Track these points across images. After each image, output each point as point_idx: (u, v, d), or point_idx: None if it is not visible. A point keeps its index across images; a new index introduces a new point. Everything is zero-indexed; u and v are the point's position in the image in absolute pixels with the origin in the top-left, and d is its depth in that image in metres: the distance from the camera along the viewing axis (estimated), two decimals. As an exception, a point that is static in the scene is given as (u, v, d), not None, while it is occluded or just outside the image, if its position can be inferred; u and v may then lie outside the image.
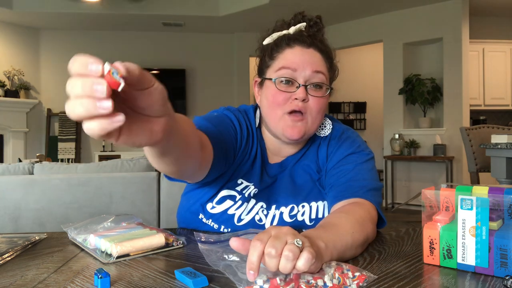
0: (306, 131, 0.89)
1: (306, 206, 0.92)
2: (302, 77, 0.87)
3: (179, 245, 0.77)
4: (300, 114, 0.87)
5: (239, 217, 0.91)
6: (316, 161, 0.96)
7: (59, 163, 2.31)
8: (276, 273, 0.54)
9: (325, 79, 0.90)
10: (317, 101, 0.88)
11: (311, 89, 0.88)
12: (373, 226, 0.80)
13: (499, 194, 0.60)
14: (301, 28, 0.93)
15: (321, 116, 0.91)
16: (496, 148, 2.47)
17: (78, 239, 0.79)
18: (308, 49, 0.90)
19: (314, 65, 0.88)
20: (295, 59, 0.88)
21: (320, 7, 5.43)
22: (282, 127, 0.88)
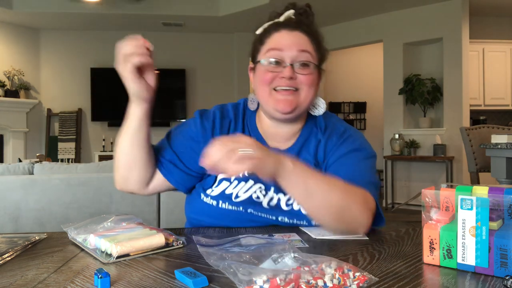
0: (298, 104, 0.92)
1: None
2: (289, 57, 0.92)
3: (179, 245, 0.77)
4: (290, 90, 0.91)
5: (236, 195, 0.95)
6: (314, 155, 0.98)
7: (59, 163, 2.31)
8: (276, 273, 0.54)
9: (312, 58, 0.94)
10: (306, 77, 0.92)
11: (298, 68, 0.92)
12: (365, 210, 0.82)
13: (499, 194, 0.60)
14: (290, 15, 0.98)
15: (313, 92, 0.94)
16: (496, 148, 2.47)
17: (78, 239, 0.79)
18: (294, 32, 0.94)
19: (300, 45, 0.92)
20: (281, 41, 0.93)
21: (320, 7, 5.43)
22: (273, 102, 0.92)
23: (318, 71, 0.96)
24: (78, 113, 6.37)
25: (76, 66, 6.40)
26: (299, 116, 0.97)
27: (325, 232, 0.87)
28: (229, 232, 0.90)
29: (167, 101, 6.58)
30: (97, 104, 6.39)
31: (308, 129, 1.00)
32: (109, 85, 6.43)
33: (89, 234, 0.77)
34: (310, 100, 0.95)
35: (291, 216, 0.93)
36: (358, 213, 0.82)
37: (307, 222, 0.92)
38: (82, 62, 6.40)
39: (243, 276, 0.55)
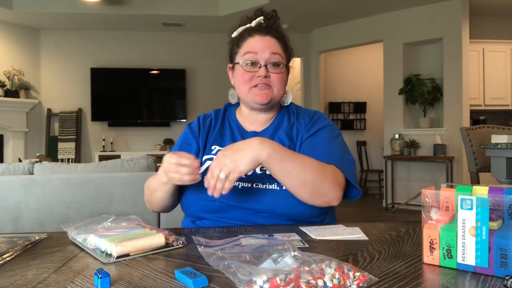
0: (272, 97, 1.10)
1: None
2: (262, 59, 1.09)
3: (179, 245, 0.77)
4: (265, 86, 1.09)
5: None
6: (288, 132, 1.13)
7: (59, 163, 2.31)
8: (276, 273, 0.54)
9: (282, 59, 1.12)
10: (277, 75, 1.10)
11: (271, 68, 1.10)
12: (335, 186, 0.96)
13: (499, 194, 0.60)
14: (260, 21, 1.15)
15: (283, 87, 1.13)
16: (496, 148, 2.47)
17: (78, 239, 0.79)
18: (265, 37, 1.12)
19: (271, 48, 1.10)
20: (256, 45, 1.10)
21: (320, 7, 5.43)
22: (252, 96, 1.10)
23: (287, 69, 1.14)
24: (78, 113, 6.37)
25: (76, 66, 6.40)
26: (273, 106, 1.15)
27: (325, 232, 0.87)
28: (229, 232, 0.90)
29: (167, 101, 6.59)
30: (97, 104, 6.40)
31: (281, 115, 1.18)
32: (109, 85, 6.44)
33: (89, 234, 0.77)
34: (282, 94, 1.13)
35: (264, 181, 1.02)
36: (328, 188, 0.95)
37: (278, 186, 1.00)
38: (82, 62, 6.40)
39: (243, 276, 0.55)
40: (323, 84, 6.92)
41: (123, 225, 0.85)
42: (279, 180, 0.95)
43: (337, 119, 7.29)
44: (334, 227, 0.92)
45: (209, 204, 1.02)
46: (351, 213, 5.41)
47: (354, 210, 5.63)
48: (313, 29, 6.53)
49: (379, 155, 6.96)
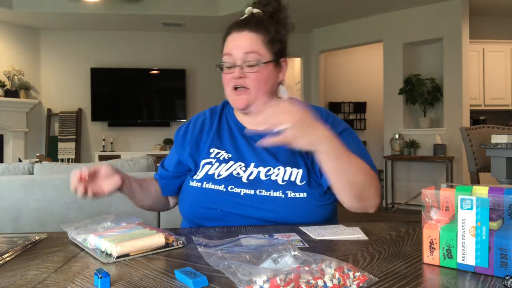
0: (250, 101, 1.03)
1: (282, 169, 1.00)
2: (239, 59, 1.02)
3: (179, 245, 0.77)
4: (242, 89, 1.03)
5: (218, 173, 1.03)
6: None
7: (59, 163, 2.31)
8: (276, 273, 0.54)
9: (259, 56, 1.02)
10: (254, 76, 1.02)
11: (247, 68, 1.02)
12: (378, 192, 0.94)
13: (499, 194, 0.60)
14: (251, 10, 1.09)
15: (264, 87, 1.04)
16: (496, 148, 2.47)
17: (78, 239, 0.79)
18: (242, 33, 1.03)
19: (245, 47, 1.02)
20: (230, 45, 1.04)
21: (320, 7, 5.43)
22: (232, 101, 1.06)
23: (272, 65, 1.05)
24: (78, 113, 6.37)
25: (76, 66, 6.40)
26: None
27: (325, 232, 0.87)
28: (229, 232, 0.90)
29: (167, 101, 6.58)
30: (97, 104, 6.40)
31: None
32: (109, 85, 6.44)
33: (89, 234, 0.77)
34: (264, 94, 1.04)
35: (268, 188, 0.98)
36: (373, 193, 0.93)
37: (283, 193, 0.97)
38: (82, 62, 6.40)
39: (243, 276, 0.55)
40: (323, 84, 6.92)
41: (123, 225, 0.85)
42: (329, 177, 0.90)
43: (337, 119, 7.29)
44: (334, 227, 0.92)
45: (209, 211, 1.00)
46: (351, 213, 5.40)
47: (354, 210, 5.62)
48: (313, 29, 6.53)
49: (379, 155, 6.96)
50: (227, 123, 1.14)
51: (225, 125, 1.13)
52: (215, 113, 1.16)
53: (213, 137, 1.11)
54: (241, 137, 1.09)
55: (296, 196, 0.96)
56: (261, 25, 1.05)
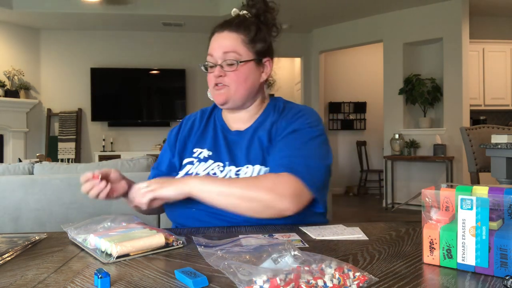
0: (228, 97, 1.07)
1: (250, 167, 1.03)
2: (218, 59, 1.06)
3: (179, 245, 0.77)
4: (222, 85, 1.07)
5: (196, 173, 1.06)
6: (268, 131, 1.08)
7: (59, 163, 2.31)
8: (276, 273, 0.54)
9: (238, 55, 1.06)
10: (232, 74, 1.06)
11: (226, 66, 1.06)
12: (279, 197, 0.91)
13: (499, 194, 0.60)
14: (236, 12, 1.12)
15: (243, 85, 1.07)
16: (496, 148, 2.47)
17: (78, 239, 0.79)
18: (222, 33, 1.08)
19: (224, 47, 1.06)
20: (212, 46, 1.08)
21: (320, 7, 5.43)
22: (213, 97, 1.11)
23: (252, 64, 1.08)
24: (78, 113, 6.37)
25: (76, 66, 6.40)
26: (237, 105, 1.10)
27: (325, 232, 0.87)
28: (229, 232, 0.90)
29: (167, 101, 6.59)
30: (97, 104, 6.39)
31: (267, 112, 1.13)
32: (109, 85, 6.44)
33: (89, 234, 0.77)
34: (243, 91, 1.07)
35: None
36: (271, 201, 0.91)
37: None
38: (82, 62, 6.40)
39: (243, 276, 0.55)
40: (323, 84, 6.92)
41: (123, 225, 0.85)
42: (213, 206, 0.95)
43: (337, 119, 7.29)
44: (334, 227, 0.92)
45: (186, 211, 1.01)
46: (351, 213, 5.41)
47: (354, 210, 5.63)
48: (313, 29, 6.53)
49: (379, 155, 6.96)
50: (214, 124, 1.18)
51: (212, 125, 1.17)
52: (205, 113, 1.21)
53: (198, 137, 1.16)
54: (222, 137, 1.12)
55: None
56: (242, 25, 1.08)
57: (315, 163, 0.99)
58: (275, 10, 1.13)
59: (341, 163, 7.24)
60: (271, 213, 0.93)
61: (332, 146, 7.04)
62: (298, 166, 0.95)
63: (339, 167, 7.18)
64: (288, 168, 0.95)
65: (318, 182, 0.97)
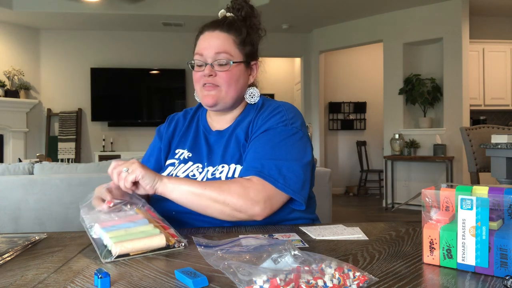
0: (219, 98, 1.06)
1: (226, 167, 1.03)
2: (209, 58, 1.04)
3: (180, 247, 0.76)
4: (212, 85, 1.05)
5: (175, 175, 1.06)
6: (246, 129, 1.07)
7: (59, 163, 2.31)
8: (276, 273, 0.54)
9: (230, 56, 1.04)
10: (224, 74, 1.04)
11: (217, 66, 1.04)
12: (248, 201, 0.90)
13: (499, 194, 0.60)
14: (224, 13, 1.11)
15: (235, 86, 1.06)
16: (496, 148, 2.47)
17: (86, 222, 0.79)
18: (214, 32, 1.06)
19: (217, 47, 1.04)
20: (202, 45, 1.06)
21: (320, 7, 5.43)
22: (201, 97, 1.08)
23: (242, 66, 1.07)
24: (78, 113, 6.38)
25: (76, 66, 6.41)
26: (227, 107, 1.09)
27: (325, 232, 0.87)
28: (229, 232, 0.90)
29: (167, 101, 6.59)
30: (97, 104, 6.40)
31: (246, 112, 1.12)
32: (109, 85, 6.44)
33: (95, 223, 0.77)
34: (235, 93, 1.06)
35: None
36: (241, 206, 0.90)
37: None
38: (82, 62, 6.40)
39: (243, 276, 0.55)
40: (323, 84, 6.92)
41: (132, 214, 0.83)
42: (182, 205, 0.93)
43: (337, 119, 7.29)
44: (334, 227, 0.92)
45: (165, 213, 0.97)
46: (351, 213, 5.41)
47: (354, 210, 5.63)
48: (313, 29, 6.53)
49: (379, 155, 6.96)
50: (196, 124, 1.17)
51: (194, 126, 1.17)
52: (188, 113, 1.21)
53: (180, 137, 1.16)
54: (203, 138, 1.12)
55: None
56: (233, 27, 1.07)
57: (288, 165, 0.96)
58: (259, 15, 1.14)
59: (341, 163, 7.24)
60: (241, 217, 0.92)
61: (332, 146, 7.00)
62: (268, 170, 0.94)
63: (339, 167, 7.18)
64: (258, 171, 0.94)
65: (293, 183, 0.95)
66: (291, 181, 0.95)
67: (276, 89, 7.80)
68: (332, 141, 7.24)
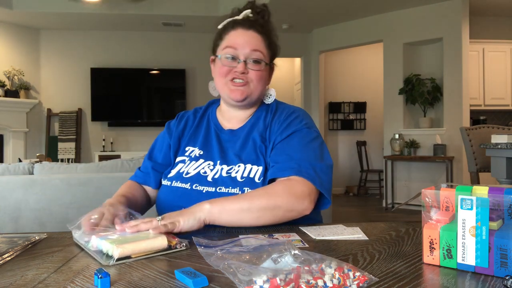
0: (248, 94, 1.08)
1: (242, 166, 1.04)
2: (242, 54, 1.06)
3: (182, 247, 0.76)
4: (242, 82, 1.07)
5: (186, 172, 1.07)
6: (263, 131, 1.10)
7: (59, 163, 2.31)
8: (276, 273, 0.54)
9: (263, 56, 1.08)
10: (256, 73, 1.07)
11: (250, 64, 1.07)
12: (297, 201, 0.93)
13: (499, 194, 0.60)
14: (248, 14, 1.12)
15: (262, 84, 1.10)
16: (496, 148, 2.47)
17: (81, 241, 0.79)
18: (248, 31, 1.08)
19: (252, 45, 1.07)
20: (237, 40, 1.07)
21: (320, 7, 5.43)
22: (228, 91, 1.08)
23: (268, 67, 1.12)
24: (78, 113, 6.38)
25: (76, 66, 6.40)
26: (251, 103, 1.12)
27: (325, 232, 0.87)
28: (229, 232, 0.90)
29: (167, 101, 6.59)
30: (97, 104, 6.40)
31: (259, 113, 1.15)
32: (109, 85, 6.44)
33: (91, 235, 0.76)
34: (260, 91, 1.10)
35: (227, 185, 1.01)
36: (292, 205, 0.93)
37: (241, 190, 1.00)
38: (82, 62, 6.40)
39: (243, 276, 0.55)
40: (323, 84, 6.92)
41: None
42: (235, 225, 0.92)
43: (337, 119, 7.29)
44: (334, 227, 0.92)
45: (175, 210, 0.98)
46: (351, 213, 5.41)
47: (354, 210, 5.63)
48: (313, 29, 6.53)
49: (379, 155, 6.96)
50: (207, 122, 1.19)
51: (205, 124, 1.18)
52: (198, 112, 1.23)
53: (190, 135, 1.17)
54: (215, 137, 1.13)
55: None
56: (266, 28, 1.12)
57: (320, 165, 1.00)
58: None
59: (341, 163, 7.24)
60: (293, 216, 0.94)
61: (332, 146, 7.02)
62: (306, 169, 0.97)
63: (339, 167, 7.18)
64: (296, 171, 0.97)
65: (325, 183, 0.99)
66: (324, 181, 0.99)
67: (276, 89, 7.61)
68: (332, 141, 7.23)
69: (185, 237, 0.80)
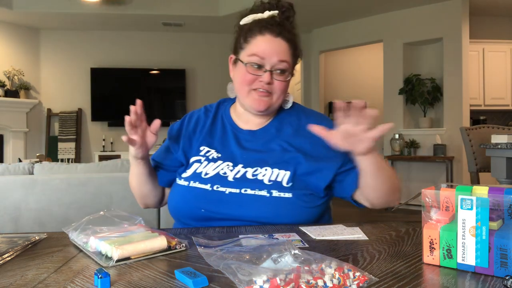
0: (270, 105, 1.06)
1: (269, 170, 1.01)
2: (269, 64, 1.03)
3: (181, 248, 0.76)
4: (266, 92, 1.04)
5: (205, 172, 1.04)
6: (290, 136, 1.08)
7: (59, 163, 2.31)
8: (276, 273, 0.54)
9: (288, 66, 1.06)
10: (281, 83, 1.05)
11: (276, 74, 1.04)
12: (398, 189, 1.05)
13: (499, 194, 0.60)
14: (274, 14, 1.07)
15: (283, 96, 1.09)
16: (496, 148, 2.47)
17: (78, 241, 0.78)
18: (276, 38, 1.04)
19: (280, 55, 1.03)
20: (265, 48, 1.03)
21: (320, 7, 5.43)
22: (250, 101, 1.06)
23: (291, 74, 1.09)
24: (78, 113, 6.38)
25: (76, 66, 6.40)
26: (269, 112, 1.11)
27: (325, 232, 0.87)
28: (229, 232, 0.90)
29: (167, 101, 6.59)
30: (97, 104, 6.39)
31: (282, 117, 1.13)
32: (109, 85, 6.44)
33: (89, 236, 0.76)
34: (281, 100, 1.09)
35: (253, 187, 0.98)
36: (398, 191, 1.04)
37: (268, 193, 0.97)
38: (82, 62, 6.40)
39: (243, 276, 0.55)
40: (323, 84, 6.92)
41: (125, 227, 0.84)
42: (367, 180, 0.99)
43: (337, 119, 7.29)
44: (334, 227, 0.92)
45: (194, 211, 1.00)
46: (351, 213, 5.41)
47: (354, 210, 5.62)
48: (313, 29, 6.53)
49: (379, 155, 6.95)
50: (221, 121, 1.15)
51: (220, 124, 1.15)
52: (210, 111, 1.18)
53: (205, 135, 1.13)
54: (233, 138, 1.10)
55: (281, 196, 0.96)
56: (292, 33, 1.08)
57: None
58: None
59: (341, 163, 7.23)
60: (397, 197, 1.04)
61: (332, 146, 7.01)
62: None
63: (339, 167, 7.17)
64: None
65: None
66: None
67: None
68: (332, 141, 7.22)
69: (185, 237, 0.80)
